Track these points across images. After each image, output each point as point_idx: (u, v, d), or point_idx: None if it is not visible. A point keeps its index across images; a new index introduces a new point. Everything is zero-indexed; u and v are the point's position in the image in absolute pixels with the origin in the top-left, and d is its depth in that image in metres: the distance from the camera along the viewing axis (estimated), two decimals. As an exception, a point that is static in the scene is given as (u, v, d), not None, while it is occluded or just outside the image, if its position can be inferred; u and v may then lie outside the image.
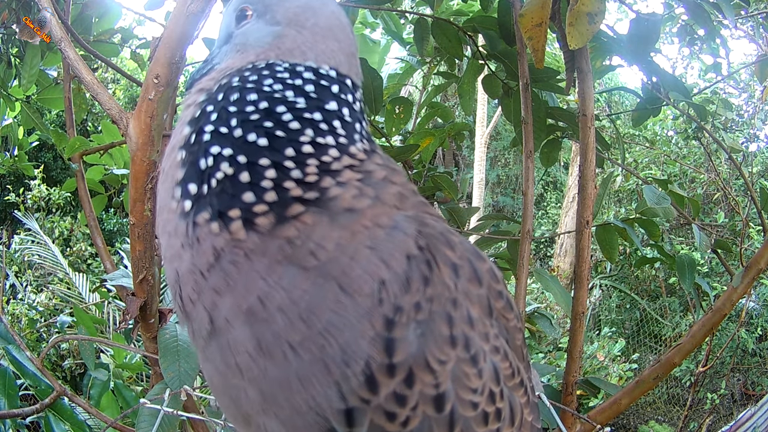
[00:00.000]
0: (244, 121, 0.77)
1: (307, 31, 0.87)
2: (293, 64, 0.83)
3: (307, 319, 0.70)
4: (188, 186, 0.76)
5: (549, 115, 2.52)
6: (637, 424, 7.43)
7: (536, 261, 11.38)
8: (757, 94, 8.10)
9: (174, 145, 0.81)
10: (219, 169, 0.74)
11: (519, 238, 2.14)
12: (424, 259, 0.75)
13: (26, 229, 7.11)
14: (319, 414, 0.72)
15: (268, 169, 0.74)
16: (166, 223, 0.78)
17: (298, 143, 0.76)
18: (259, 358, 0.72)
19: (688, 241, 7.15)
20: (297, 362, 0.70)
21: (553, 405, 1.68)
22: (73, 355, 5.71)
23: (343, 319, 0.70)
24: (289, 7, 0.88)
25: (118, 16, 2.87)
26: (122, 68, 2.64)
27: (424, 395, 0.73)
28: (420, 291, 0.73)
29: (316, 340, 0.70)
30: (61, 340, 2.58)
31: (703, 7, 2.36)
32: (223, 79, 0.83)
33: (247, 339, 0.72)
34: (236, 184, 0.74)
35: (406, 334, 0.72)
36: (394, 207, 0.78)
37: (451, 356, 0.75)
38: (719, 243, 2.66)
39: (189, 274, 0.75)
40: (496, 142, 13.62)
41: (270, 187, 0.73)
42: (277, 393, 0.72)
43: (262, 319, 0.71)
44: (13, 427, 2.88)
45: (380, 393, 0.71)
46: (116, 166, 2.95)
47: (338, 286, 0.71)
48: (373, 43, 3.91)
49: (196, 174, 0.76)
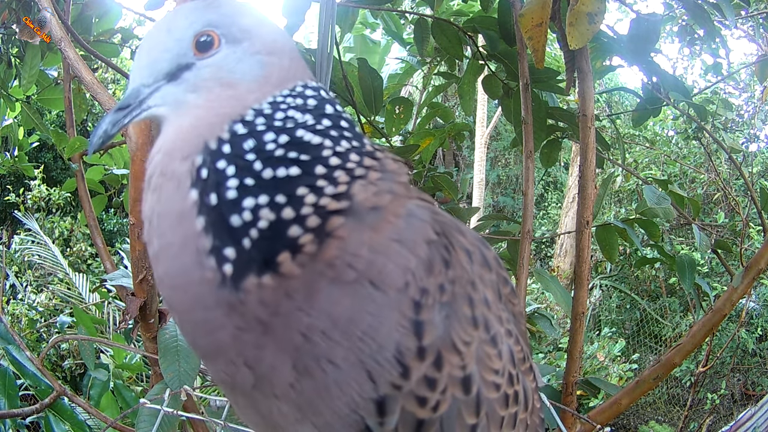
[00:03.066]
0: (269, 159, 0.72)
1: (285, 56, 0.82)
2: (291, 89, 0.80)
3: (347, 331, 0.69)
4: (224, 251, 0.69)
5: (549, 116, 2.52)
6: (638, 425, 7.42)
7: (536, 261, 11.37)
8: (757, 94, 8.10)
9: (179, 216, 0.72)
10: (260, 218, 0.69)
11: (519, 238, 2.14)
12: (443, 243, 0.76)
13: (26, 230, 7.11)
14: (356, 412, 0.72)
15: (307, 196, 0.71)
16: (198, 297, 0.71)
17: (323, 159, 0.73)
18: (298, 382, 0.71)
19: (688, 241, 7.14)
20: (336, 372, 0.70)
21: (553, 405, 1.68)
22: (73, 355, 5.70)
23: (378, 318, 0.70)
24: (266, 33, 0.82)
25: (118, 17, 2.87)
26: (122, 68, 2.63)
27: (453, 377, 0.74)
28: (442, 273, 0.74)
29: (355, 346, 0.69)
30: (61, 340, 2.58)
31: (703, 7, 2.36)
32: (224, 133, 0.74)
33: (289, 371, 0.71)
34: (278, 224, 0.69)
35: (432, 315, 0.73)
36: (405, 196, 0.78)
37: (475, 337, 0.76)
38: (719, 243, 2.66)
39: (233, 341, 0.71)
40: (497, 143, 13.61)
41: (311, 213, 0.70)
42: (317, 404, 0.72)
43: (305, 350, 0.70)
44: (13, 427, 2.88)
45: (412, 378, 0.72)
46: (116, 166, 2.96)
47: (372, 285, 0.70)
48: (373, 44, 3.92)
49: (230, 235, 0.69)
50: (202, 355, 0.77)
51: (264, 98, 0.77)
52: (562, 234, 9.33)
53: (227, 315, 0.70)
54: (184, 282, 0.72)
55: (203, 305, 0.71)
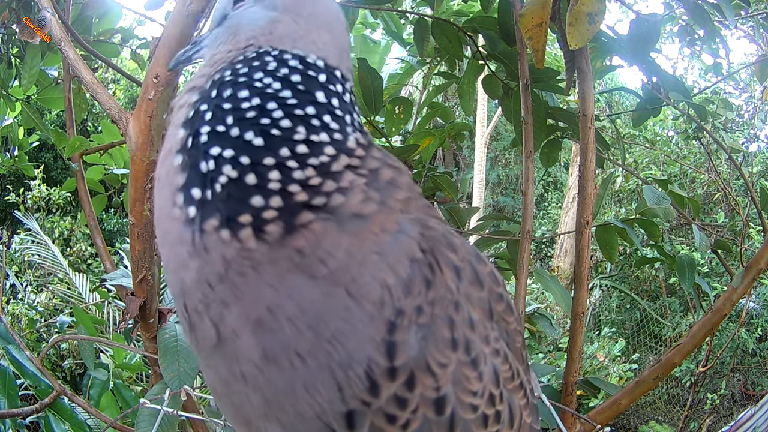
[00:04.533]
0: (241, 120, 0.73)
1: (302, 19, 0.83)
2: (282, 51, 0.80)
3: (315, 327, 0.69)
4: (191, 191, 0.71)
5: (549, 116, 2.52)
6: (638, 425, 7.42)
7: (536, 261, 11.38)
8: (757, 94, 8.10)
9: (169, 149, 0.76)
10: (222, 173, 0.70)
11: (519, 238, 2.14)
12: (427, 262, 0.75)
13: (26, 229, 7.11)
14: (322, 419, 0.71)
15: (273, 170, 0.70)
16: (168, 232, 0.74)
17: (292, 142, 0.72)
18: (265, 366, 0.71)
19: (688, 241, 7.14)
20: (303, 369, 0.70)
21: (553, 405, 1.68)
22: (73, 355, 5.71)
23: (350, 325, 0.70)
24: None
25: (118, 16, 2.87)
26: (122, 68, 2.64)
27: (425, 398, 0.73)
28: (422, 294, 0.73)
29: (324, 348, 0.69)
30: (61, 340, 2.58)
31: (703, 7, 2.36)
32: (216, 74, 0.78)
33: (254, 348, 0.71)
34: (243, 187, 0.70)
35: (407, 337, 0.71)
36: (399, 211, 0.77)
37: (452, 359, 0.75)
38: (719, 243, 2.66)
39: (196, 285, 0.72)
40: (497, 143, 13.62)
41: (276, 190, 0.70)
42: (282, 399, 0.72)
43: (270, 330, 0.70)
44: (13, 426, 2.88)
45: (381, 396, 0.71)
46: (116, 166, 2.95)
47: (347, 292, 0.70)
48: (374, 44, 3.91)
49: (199, 178, 0.71)
50: (174, 293, 0.77)
51: (257, 48, 0.81)
52: (562, 234, 9.34)
53: (191, 256, 0.71)
54: (161, 214, 0.76)
55: (171, 240, 0.74)
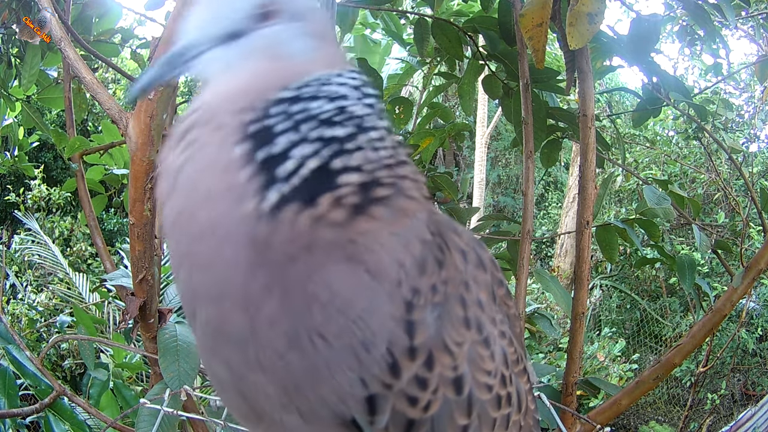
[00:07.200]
0: (317, 121, 0.74)
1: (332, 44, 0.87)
2: (337, 74, 0.81)
3: (345, 310, 0.70)
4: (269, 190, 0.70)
5: (549, 116, 2.52)
6: (638, 425, 7.42)
7: (537, 261, 11.38)
8: (758, 94, 8.10)
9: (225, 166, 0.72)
10: (305, 165, 0.71)
11: (519, 238, 2.14)
12: (437, 244, 0.77)
13: (26, 229, 7.11)
14: (343, 402, 0.72)
15: (355, 154, 0.73)
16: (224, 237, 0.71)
17: (369, 128, 0.76)
18: (289, 352, 0.71)
19: (689, 241, 7.15)
20: (327, 351, 0.70)
21: (553, 405, 1.68)
22: (73, 355, 5.70)
23: (372, 305, 0.71)
24: (318, 18, 0.86)
25: (118, 16, 2.87)
26: (122, 68, 2.64)
27: (444, 378, 0.75)
28: (435, 273, 0.75)
29: (349, 328, 0.70)
30: (61, 340, 2.58)
31: (704, 8, 2.36)
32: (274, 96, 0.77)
33: (283, 335, 0.70)
34: (325, 171, 0.71)
35: (424, 316, 0.73)
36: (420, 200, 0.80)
37: (467, 338, 0.77)
38: (719, 243, 2.66)
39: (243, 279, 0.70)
40: (497, 143, 13.62)
41: (356, 169, 0.72)
42: (303, 384, 0.72)
43: (301, 317, 0.70)
44: (13, 426, 2.88)
45: (402, 376, 0.72)
46: (116, 166, 2.96)
47: (368, 272, 0.71)
48: (374, 44, 3.91)
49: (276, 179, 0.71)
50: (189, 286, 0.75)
51: (311, 76, 0.80)
52: (563, 234, 9.33)
53: (253, 249, 0.69)
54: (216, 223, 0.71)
55: (230, 242, 0.70)
